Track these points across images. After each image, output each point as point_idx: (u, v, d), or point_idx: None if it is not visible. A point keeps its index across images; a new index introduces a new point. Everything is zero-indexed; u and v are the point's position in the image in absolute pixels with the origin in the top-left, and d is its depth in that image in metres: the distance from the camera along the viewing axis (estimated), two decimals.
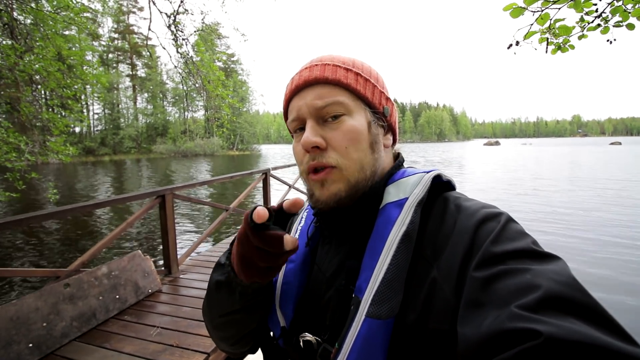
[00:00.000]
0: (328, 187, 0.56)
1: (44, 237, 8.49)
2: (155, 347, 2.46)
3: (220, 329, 0.65)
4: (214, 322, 0.65)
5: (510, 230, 0.46)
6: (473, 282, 0.41)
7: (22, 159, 5.94)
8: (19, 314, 2.32)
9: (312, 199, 0.59)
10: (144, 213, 3.65)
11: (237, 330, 0.63)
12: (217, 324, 0.65)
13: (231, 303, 0.58)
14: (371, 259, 0.50)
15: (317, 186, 0.57)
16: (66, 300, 2.63)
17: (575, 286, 0.36)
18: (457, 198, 0.55)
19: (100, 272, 2.98)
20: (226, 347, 0.69)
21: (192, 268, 4.09)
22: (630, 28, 2.00)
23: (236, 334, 0.64)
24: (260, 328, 0.65)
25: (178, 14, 6.81)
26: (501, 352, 0.33)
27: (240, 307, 0.58)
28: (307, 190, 0.61)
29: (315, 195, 0.58)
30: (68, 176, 24.22)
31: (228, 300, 0.58)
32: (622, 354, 0.29)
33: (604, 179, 15.45)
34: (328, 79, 0.57)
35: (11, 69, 5.60)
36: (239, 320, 0.61)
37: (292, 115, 0.60)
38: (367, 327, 0.46)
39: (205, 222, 9.70)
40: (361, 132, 0.57)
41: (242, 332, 0.63)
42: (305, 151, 0.57)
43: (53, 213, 2.83)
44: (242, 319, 0.61)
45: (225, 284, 0.58)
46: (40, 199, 13.22)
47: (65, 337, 2.50)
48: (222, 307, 0.61)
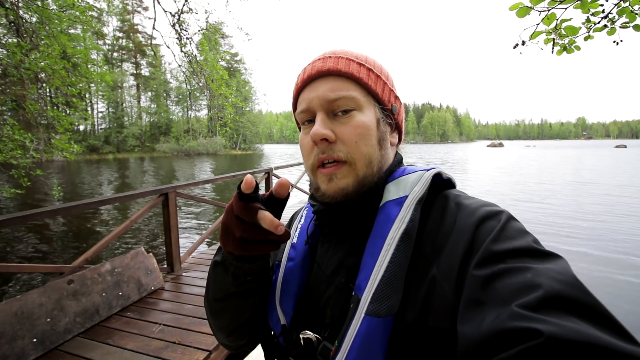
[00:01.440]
0: (337, 182, 0.56)
1: (48, 233, 8.54)
2: (157, 344, 2.48)
3: (216, 316, 0.66)
4: (212, 308, 0.66)
5: (511, 229, 0.45)
6: (473, 281, 0.41)
7: (27, 156, 5.99)
8: (23, 310, 2.34)
9: (318, 192, 0.59)
10: (147, 211, 3.67)
11: (232, 318, 0.63)
12: (214, 310, 0.66)
13: (225, 285, 0.59)
14: (371, 257, 0.50)
15: (324, 180, 0.57)
16: (70, 297, 2.64)
17: (577, 285, 0.35)
18: (457, 196, 0.55)
19: (103, 269, 2.99)
20: (223, 339, 0.69)
21: (194, 266, 4.11)
22: (637, 29, 1.98)
23: (231, 323, 0.64)
24: (256, 321, 0.65)
25: (182, 13, 6.84)
26: (502, 351, 0.33)
27: (234, 291, 0.59)
28: (311, 184, 0.61)
29: (322, 189, 0.57)
30: (72, 174, 24.35)
31: (223, 282, 0.59)
32: (624, 354, 0.28)
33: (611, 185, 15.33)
34: (341, 71, 0.56)
35: (17, 67, 5.64)
36: (233, 307, 0.62)
37: (302, 106, 0.59)
38: (366, 325, 0.46)
39: (207, 221, 9.73)
40: (370, 128, 0.57)
41: (236, 320, 0.63)
42: (314, 143, 0.56)
43: (57, 210, 2.84)
44: (237, 306, 0.61)
45: (220, 263, 0.60)
46: (45, 196, 13.29)
47: (68, 333, 2.52)
48: (217, 289, 0.62)
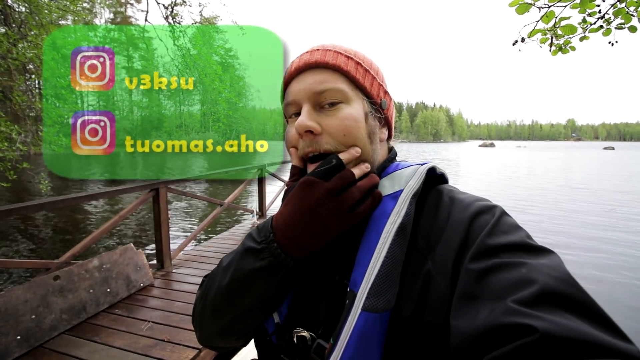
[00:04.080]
0: None
1: (35, 228, 8.38)
2: (146, 341, 2.44)
3: (234, 322, 0.58)
4: (225, 318, 0.57)
5: (505, 224, 0.46)
6: (468, 275, 0.41)
7: (13, 149, 5.85)
8: (7, 306, 2.28)
9: None
10: (138, 206, 3.62)
11: (254, 321, 0.57)
12: (231, 319, 0.57)
13: (264, 290, 0.53)
14: (366, 252, 0.49)
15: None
16: (56, 293, 2.59)
17: (571, 282, 0.36)
18: (450, 191, 0.55)
19: (91, 265, 2.94)
20: (226, 343, 0.63)
21: (185, 263, 4.06)
22: (632, 31, 2.00)
23: (250, 326, 0.58)
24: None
25: (176, 5, 6.74)
26: (496, 347, 0.33)
27: (275, 292, 0.53)
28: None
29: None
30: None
31: (262, 288, 0.53)
32: (617, 351, 0.29)
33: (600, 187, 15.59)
34: (328, 63, 0.56)
35: (4, 57, 5.50)
36: (262, 309, 0.55)
37: (288, 98, 0.58)
38: (363, 321, 0.45)
39: (199, 217, 9.65)
40: (359, 121, 0.55)
41: (258, 322, 0.58)
42: (299, 135, 0.55)
43: (44, 204, 2.79)
44: (266, 309, 0.56)
45: (265, 269, 0.51)
46: (32, 190, 13.05)
47: (54, 330, 2.46)
48: (251, 297, 0.54)
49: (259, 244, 0.52)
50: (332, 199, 0.49)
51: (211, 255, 4.37)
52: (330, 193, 0.49)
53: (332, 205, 0.49)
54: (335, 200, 0.49)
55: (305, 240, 0.50)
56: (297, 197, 0.50)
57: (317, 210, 0.49)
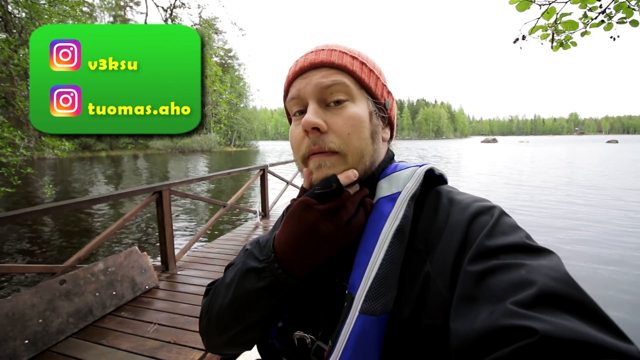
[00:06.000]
0: (325, 170, 0.54)
1: (40, 233, 8.43)
2: (152, 343, 2.45)
3: (239, 335, 0.59)
4: (230, 333, 0.58)
5: (504, 224, 0.45)
6: (467, 277, 0.41)
7: (17, 154, 5.88)
8: (14, 310, 2.30)
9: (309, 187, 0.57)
10: (141, 209, 3.63)
11: (258, 333, 0.58)
12: (236, 333, 0.58)
13: (266, 308, 0.54)
14: (364, 254, 0.49)
15: (314, 167, 0.55)
16: (62, 297, 2.60)
17: (570, 283, 0.36)
18: (449, 192, 0.55)
19: (96, 268, 2.95)
20: (233, 350, 0.64)
21: (189, 264, 4.07)
22: (634, 25, 1.98)
23: (256, 337, 0.60)
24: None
25: (175, 7, 6.75)
26: (496, 349, 0.33)
27: (277, 308, 0.54)
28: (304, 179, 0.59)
29: (312, 178, 0.56)
30: (64, 172, 24.07)
31: (264, 306, 0.54)
32: (617, 351, 0.29)
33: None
34: (334, 63, 0.56)
35: (6, 63, 5.52)
36: (265, 324, 0.56)
37: (292, 94, 0.58)
38: (361, 323, 0.45)
39: (202, 219, 9.67)
40: (363, 120, 0.56)
41: (263, 333, 0.59)
42: (305, 133, 0.55)
43: (49, 209, 2.80)
44: (271, 321, 0.56)
45: (266, 289, 0.52)
46: (36, 195, 13.12)
47: (61, 334, 2.48)
48: (254, 314, 0.55)
49: (261, 263, 0.53)
50: (329, 217, 0.50)
51: (215, 256, 4.38)
52: (327, 213, 0.50)
53: (330, 223, 0.49)
54: (332, 218, 0.50)
55: (307, 258, 0.51)
56: (297, 216, 0.51)
57: (316, 229, 0.49)
